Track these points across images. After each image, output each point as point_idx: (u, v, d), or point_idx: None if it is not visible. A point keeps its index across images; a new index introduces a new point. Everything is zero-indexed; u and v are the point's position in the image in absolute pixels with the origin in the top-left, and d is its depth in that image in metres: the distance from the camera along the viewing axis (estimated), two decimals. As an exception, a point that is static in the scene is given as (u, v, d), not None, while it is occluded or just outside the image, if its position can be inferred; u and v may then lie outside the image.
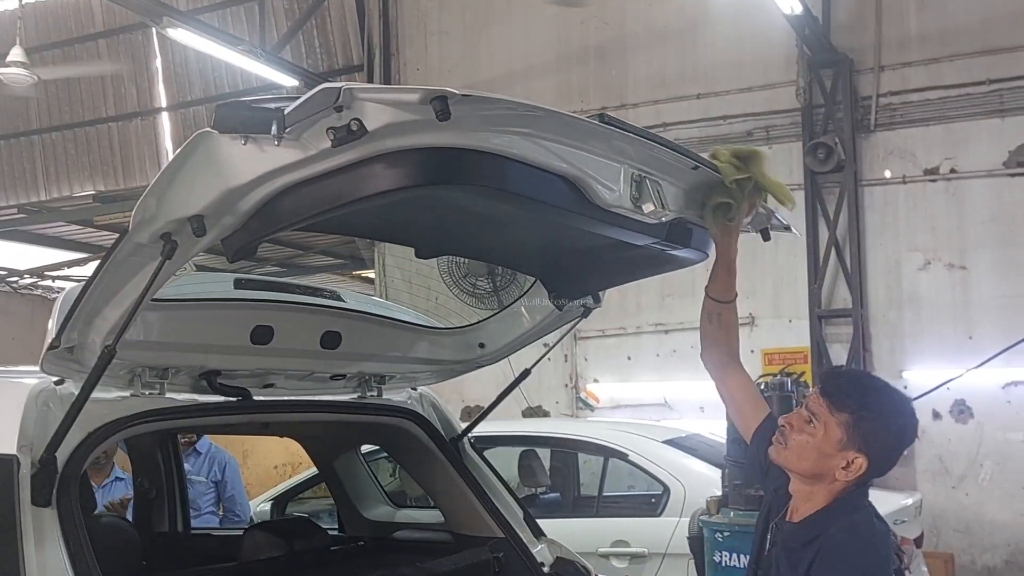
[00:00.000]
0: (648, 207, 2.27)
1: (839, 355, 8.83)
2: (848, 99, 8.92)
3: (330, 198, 1.95)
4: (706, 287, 2.82)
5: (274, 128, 1.82)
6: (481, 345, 3.56)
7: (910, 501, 6.30)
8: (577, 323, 3.44)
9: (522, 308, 3.43)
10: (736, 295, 2.86)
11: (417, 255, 3.05)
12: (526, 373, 3.58)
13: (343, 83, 1.78)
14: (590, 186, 2.17)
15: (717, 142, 9.47)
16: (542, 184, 2.11)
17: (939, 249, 8.69)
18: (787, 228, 2.95)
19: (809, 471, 2.48)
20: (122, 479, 5.85)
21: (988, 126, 8.53)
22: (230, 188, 1.98)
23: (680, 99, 9.70)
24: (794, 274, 9.11)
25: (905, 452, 2.65)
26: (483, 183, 2.01)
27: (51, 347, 2.41)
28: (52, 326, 2.42)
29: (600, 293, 3.27)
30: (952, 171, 8.67)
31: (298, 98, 1.86)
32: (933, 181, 8.75)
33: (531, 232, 2.80)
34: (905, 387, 8.41)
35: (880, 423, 2.45)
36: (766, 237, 2.93)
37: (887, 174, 8.90)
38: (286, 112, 1.81)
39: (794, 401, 4.11)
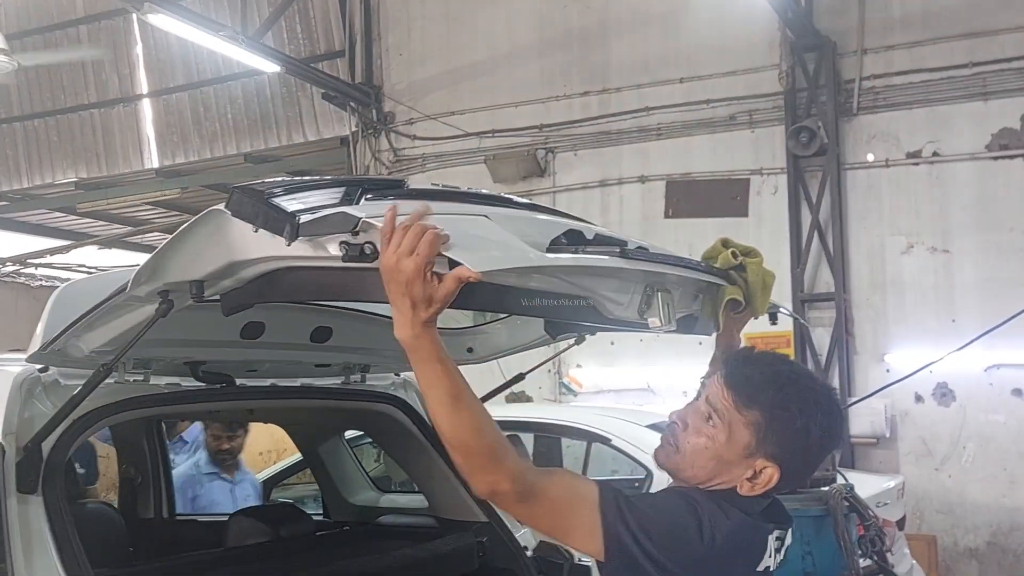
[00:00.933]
0: (654, 322, 2.25)
1: (822, 339, 8.88)
2: (831, 82, 8.94)
3: (333, 291, 1.96)
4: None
5: (287, 231, 1.80)
6: (469, 350, 3.56)
7: (892, 484, 6.37)
8: (569, 348, 3.46)
9: (516, 323, 3.43)
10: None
11: None
12: (519, 377, 3.61)
13: (362, 211, 1.76)
14: (601, 304, 2.19)
15: (700, 126, 9.50)
16: (555, 302, 2.14)
17: (922, 233, 8.73)
18: (795, 316, 3.01)
19: (704, 481, 2.03)
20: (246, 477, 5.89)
21: (971, 109, 8.57)
22: (235, 261, 1.98)
23: (663, 83, 9.70)
24: (777, 258, 9.14)
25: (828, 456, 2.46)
26: (492, 309, 2.02)
27: (40, 350, 2.42)
28: (41, 330, 2.42)
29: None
30: (935, 154, 8.71)
31: (317, 188, 1.89)
32: (916, 164, 8.79)
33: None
34: (888, 371, 8.49)
35: (800, 425, 1.97)
36: (773, 321, 2.96)
37: (870, 158, 8.93)
38: (301, 222, 1.78)
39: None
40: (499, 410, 6.96)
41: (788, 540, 2.12)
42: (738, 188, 9.28)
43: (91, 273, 11.11)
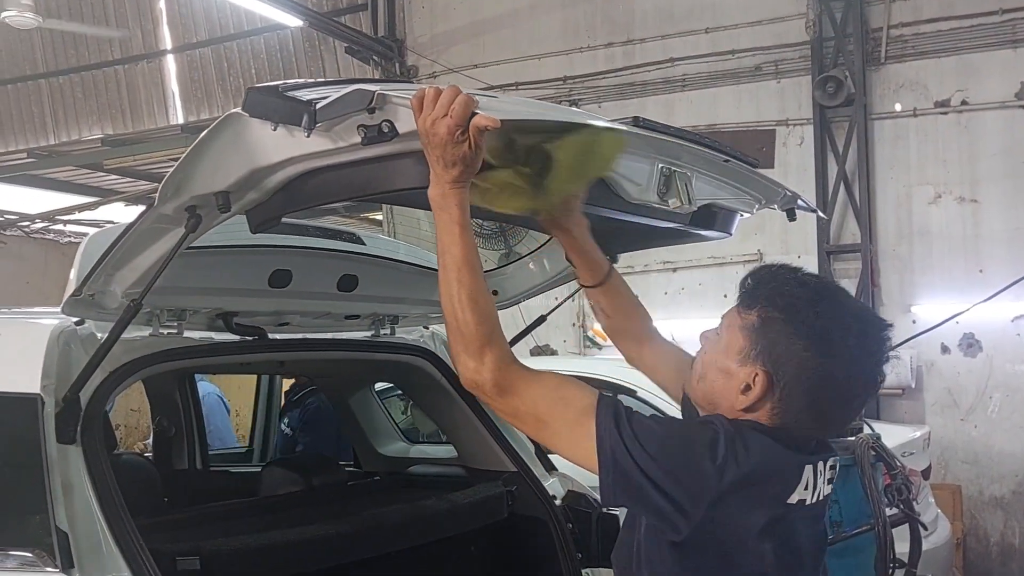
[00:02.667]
0: (674, 202, 2.24)
1: (848, 290, 8.82)
2: (859, 31, 8.81)
3: (356, 186, 1.94)
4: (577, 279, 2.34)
5: (305, 120, 1.79)
6: (495, 292, 3.59)
7: (918, 434, 6.38)
8: None
9: (539, 260, 3.45)
10: (610, 268, 2.36)
11: None
12: (541, 319, 3.63)
13: (377, 87, 1.76)
14: (618, 183, 2.17)
15: (726, 77, 9.41)
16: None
17: (950, 182, 8.64)
18: (813, 210, 2.91)
19: (706, 397, 1.91)
20: None
21: (1000, 57, 8.43)
22: (257, 168, 1.98)
23: (688, 34, 9.59)
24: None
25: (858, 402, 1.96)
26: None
27: (73, 294, 2.45)
28: (74, 275, 2.45)
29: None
30: (963, 103, 8.58)
31: (330, 84, 1.86)
32: (944, 114, 8.67)
33: None
34: (914, 321, 8.46)
35: (797, 330, 1.77)
36: (791, 217, 2.81)
37: (897, 107, 8.82)
38: (318, 107, 1.79)
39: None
40: (524, 363, 7.03)
41: (835, 472, 1.94)
42: (764, 139, 9.20)
43: (119, 229, 11.20)
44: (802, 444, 1.86)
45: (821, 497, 1.88)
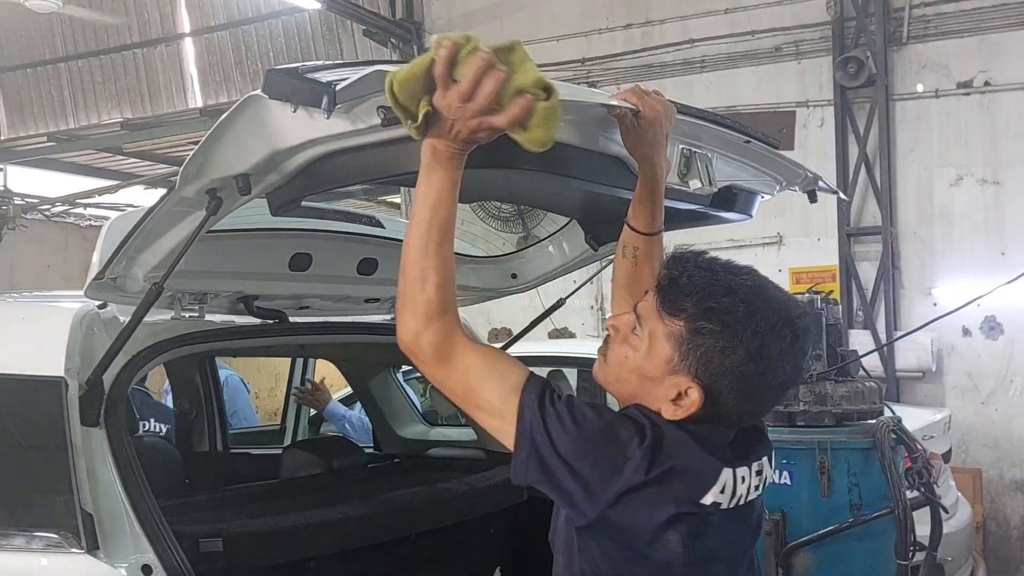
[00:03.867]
0: (695, 184, 2.22)
1: (868, 273, 8.79)
2: (880, 11, 8.72)
3: (376, 168, 1.94)
4: (626, 216, 2.21)
5: (325, 102, 1.79)
6: (513, 275, 3.59)
7: (938, 417, 6.35)
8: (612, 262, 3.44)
9: (558, 243, 3.45)
10: (663, 223, 2.21)
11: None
12: (560, 303, 3.63)
13: (395, 67, 1.74)
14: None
15: (745, 58, 9.34)
16: (591, 164, 2.10)
17: (972, 164, 8.56)
18: (835, 191, 2.87)
19: (630, 398, 1.82)
20: None
21: (1024, 37, 8.35)
22: (277, 150, 1.98)
23: (707, 14, 9.52)
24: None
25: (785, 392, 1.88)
26: (534, 167, 1.99)
27: (96, 278, 2.46)
28: (97, 258, 2.47)
29: None
30: (986, 84, 8.49)
31: (349, 65, 1.86)
32: (967, 95, 8.58)
33: (572, 186, 2.80)
34: (935, 304, 8.41)
35: (729, 343, 1.70)
36: (813, 199, 2.80)
37: (919, 88, 8.74)
38: (337, 89, 1.78)
39: (824, 320, 4.11)
40: (542, 346, 7.07)
41: (764, 474, 1.88)
42: (784, 121, 9.13)
43: (138, 213, 11.26)
44: (725, 441, 1.81)
45: (744, 501, 1.81)
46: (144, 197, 13.70)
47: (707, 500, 1.73)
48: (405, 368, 5.01)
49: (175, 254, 2.37)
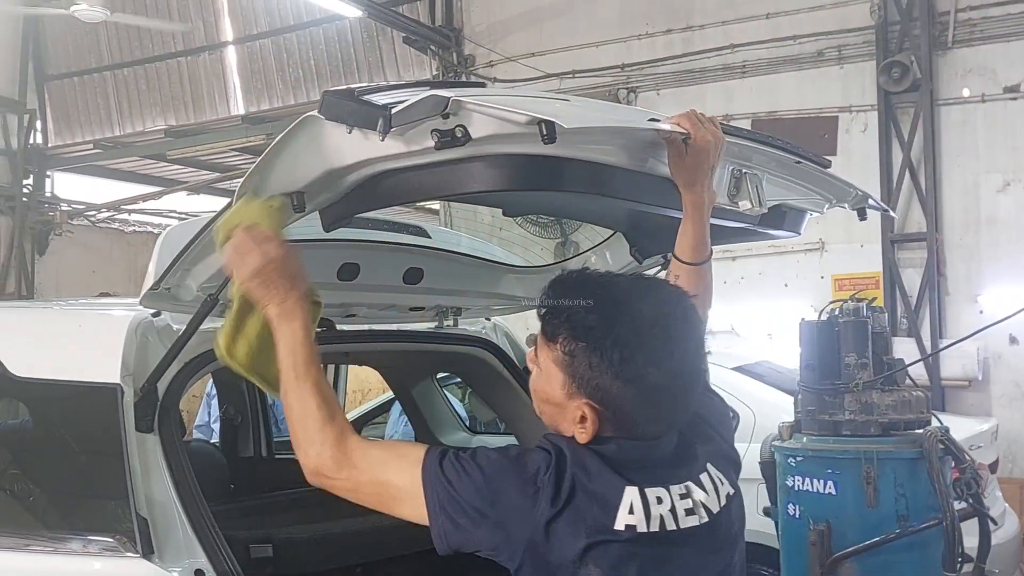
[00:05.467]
0: (744, 204, 2.23)
1: (912, 280, 8.70)
2: (925, 14, 8.63)
3: (429, 188, 1.97)
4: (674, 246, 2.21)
5: (380, 125, 1.81)
6: None
7: (986, 427, 6.26)
8: (657, 273, 3.44)
9: (603, 254, 3.44)
10: (710, 254, 2.20)
11: (505, 214, 3.06)
12: None
13: (451, 92, 1.78)
14: None
15: (787, 63, 9.29)
16: (639, 186, 2.12)
17: (1019, 170, 8.45)
18: (885, 209, 2.85)
19: (553, 427, 1.82)
20: None
21: (1072, 41, 8.23)
22: (332, 169, 2.01)
23: (749, 19, 9.48)
24: (866, 198, 8.94)
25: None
26: (581, 189, 2.02)
27: (151, 288, 2.51)
28: (153, 269, 2.51)
29: None
30: (1034, 88, 8.39)
31: (404, 87, 1.89)
32: (1014, 99, 8.47)
33: (619, 203, 2.82)
34: (981, 312, 8.30)
35: (596, 357, 1.70)
36: (862, 216, 2.78)
37: (965, 92, 8.64)
38: (393, 112, 1.80)
39: (870, 328, 4.06)
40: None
41: (698, 498, 1.78)
42: (826, 126, 9.07)
43: (182, 219, 11.42)
44: (643, 457, 1.76)
45: (676, 525, 1.73)
46: (187, 203, 13.88)
47: (619, 525, 1.68)
48: (441, 375, 5.04)
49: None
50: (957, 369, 8.29)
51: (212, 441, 5.53)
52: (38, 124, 14.35)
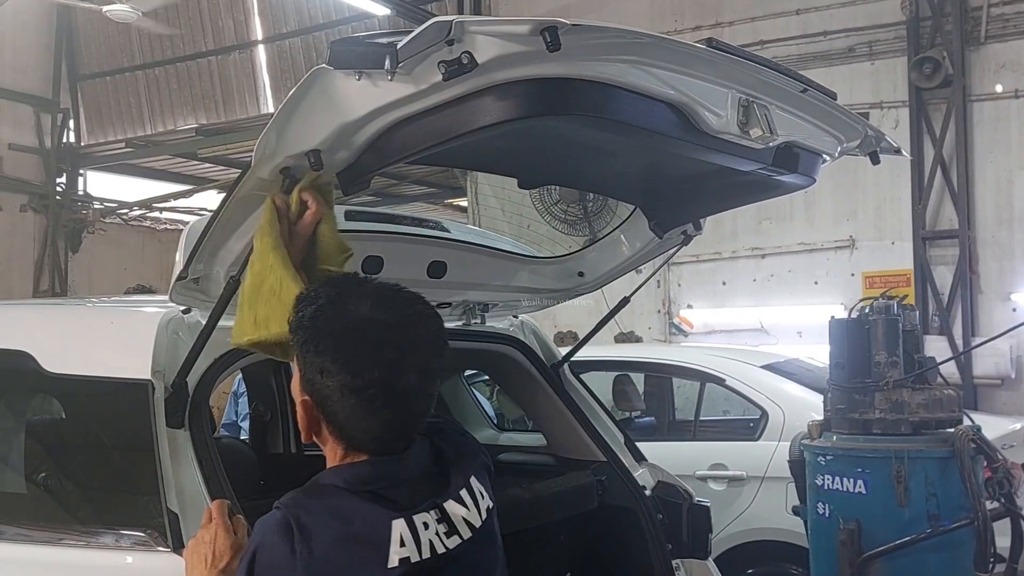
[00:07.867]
0: (755, 132, 2.22)
1: (944, 277, 8.62)
2: (957, 9, 8.55)
3: (442, 131, 1.98)
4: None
5: (387, 63, 1.84)
6: (580, 274, 3.59)
7: (1018, 425, 6.19)
8: (677, 251, 3.43)
9: (621, 236, 3.43)
10: None
11: (520, 185, 3.08)
12: (625, 301, 3.60)
13: (454, 16, 1.81)
14: (697, 112, 2.16)
15: (817, 59, 9.22)
16: (649, 111, 2.11)
17: (1053, 166, 8.36)
18: (898, 151, 2.80)
19: (310, 440, 1.80)
20: None
21: (1108, 35, 8.12)
22: (345, 123, 2.03)
23: (778, 15, 9.43)
24: (897, 194, 8.87)
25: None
26: (592, 112, 2.02)
27: (179, 278, 2.51)
28: (179, 258, 2.52)
29: (701, 220, 3.25)
30: (1069, 84, 8.29)
31: (409, 32, 1.90)
32: (1048, 95, 8.39)
33: (633, 160, 2.81)
34: (1014, 310, 8.20)
35: (309, 371, 1.68)
36: (875, 160, 2.73)
37: (998, 88, 8.54)
38: (399, 47, 1.83)
39: (901, 326, 4.03)
40: (609, 350, 7.04)
41: (455, 520, 1.75)
42: (857, 123, 9.00)
43: (212, 217, 11.50)
44: (400, 474, 1.73)
45: (440, 550, 1.71)
46: (218, 201, 14.00)
47: (393, 561, 1.64)
48: (468, 372, 5.04)
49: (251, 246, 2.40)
50: (990, 367, 8.20)
51: (242, 438, 5.57)
52: (71, 123, 14.52)
